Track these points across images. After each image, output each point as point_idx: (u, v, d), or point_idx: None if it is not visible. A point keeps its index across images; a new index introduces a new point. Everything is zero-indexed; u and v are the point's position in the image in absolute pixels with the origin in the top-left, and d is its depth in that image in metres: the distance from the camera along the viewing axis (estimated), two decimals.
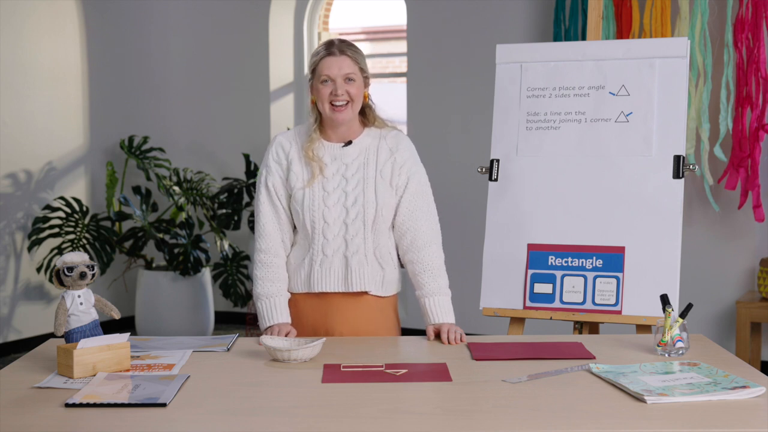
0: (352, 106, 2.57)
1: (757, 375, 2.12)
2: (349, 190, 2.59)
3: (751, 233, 4.92)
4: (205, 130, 6.56)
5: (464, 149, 5.52)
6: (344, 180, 2.60)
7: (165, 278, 5.66)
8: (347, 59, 2.56)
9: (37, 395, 1.99)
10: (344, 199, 2.59)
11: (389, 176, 2.63)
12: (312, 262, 2.60)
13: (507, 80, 3.31)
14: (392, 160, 2.64)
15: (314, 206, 2.58)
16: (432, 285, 2.64)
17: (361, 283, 2.60)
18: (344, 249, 2.59)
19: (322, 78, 2.55)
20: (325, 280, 2.60)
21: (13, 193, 5.55)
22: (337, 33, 6.90)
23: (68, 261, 2.24)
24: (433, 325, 2.60)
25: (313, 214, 2.58)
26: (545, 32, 5.38)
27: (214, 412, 1.88)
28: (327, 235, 2.58)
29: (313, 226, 2.58)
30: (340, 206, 2.58)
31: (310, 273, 2.60)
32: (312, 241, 2.60)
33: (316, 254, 2.60)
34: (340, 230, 2.59)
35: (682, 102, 3.10)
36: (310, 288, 2.61)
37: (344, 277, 2.59)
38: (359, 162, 2.62)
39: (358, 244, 2.59)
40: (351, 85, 2.56)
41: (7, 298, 5.52)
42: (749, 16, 4.48)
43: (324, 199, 2.58)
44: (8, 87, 5.48)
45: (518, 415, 1.84)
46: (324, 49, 2.57)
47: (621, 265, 3.04)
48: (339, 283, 2.60)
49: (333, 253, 2.59)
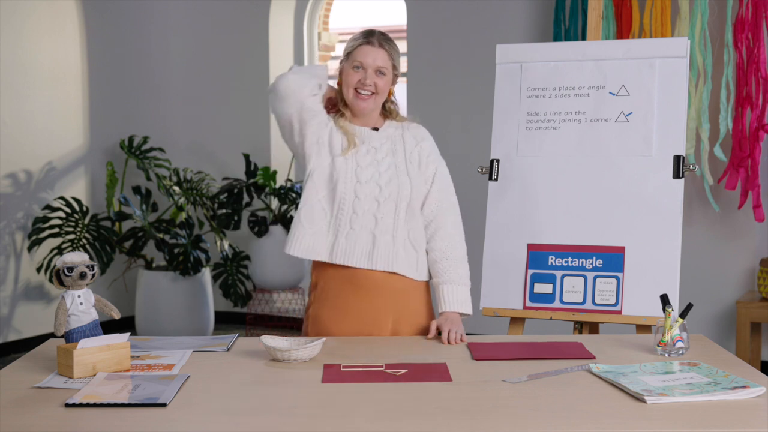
0: (375, 99, 2.61)
1: (757, 375, 2.12)
2: (382, 170, 2.61)
3: (751, 233, 4.92)
4: (205, 130, 6.56)
5: (464, 149, 5.52)
6: (375, 161, 2.62)
7: (165, 278, 5.66)
8: (383, 52, 2.60)
9: (37, 395, 1.99)
10: (377, 177, 2.60)
11: (417, 163, 2.67)
12: (337, 233, 2.59)
13: (507, 80, 3.31)
14: (418, 149, 2.69)
15: (347, 177, 2.58)
16: (451, 273, 2.66)
17: (389, 263, 2.59)
18: (373, 226, 2.59)
19: (354, 63, 2.59)
20: (348, 254, 2.58)
21: (13, 193, 5.55)
22: (337, 33, 6.90)
23: (68, 261, 2.24)
24: (443, 313, 2.62)
25: (346, 185, 2.57)
26: (545, 32, 5.38)
27: (214, 412, 1.88)
28: (357, 209, 2.58)
29: (344, 197, 2.57)
30: (373, 183, 2.59)
31: (334, 243, 2.59)
32: (340, 212, 2.59)
33: (342, 226, 2.58)
34: (371, 207, 2.58)
35: (682, 102, 3.10)
36: (332, 258, 2.59)
37: (368, 253, 2.58)
38: (387, 148, 2.65)
39: (388, 224, 2.60)
40: (380, 78, 2.60)
41: (7, 298, 5.52)
42: (749, 16, 4.48)
43: (357, 173, 2.59)
44: (8, 87, 5.48)
45: (518, 415, 1.84)
46: (363, 37, 2.61)
47: (621, 265, 3.04)
48: (363, 259, 2.58)
49: (360, 228, 2.58)
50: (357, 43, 2.60)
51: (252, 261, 5.93)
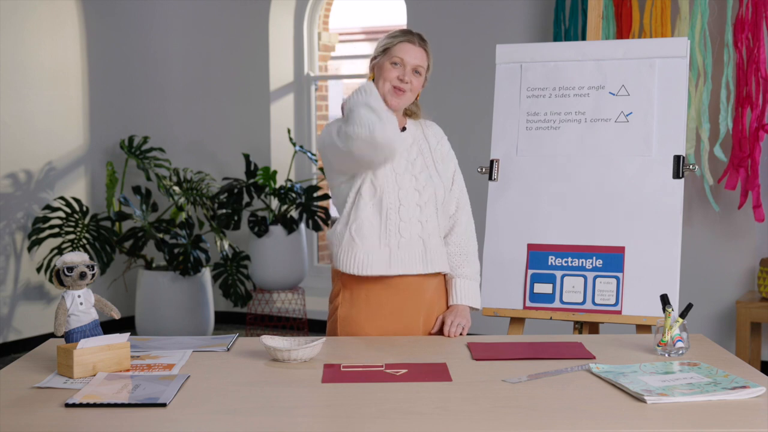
0: (408, 97, 2.62)
1: (757, 375, 2.12)
2: (416, 173, 2.62)
3: (751, 233, 4.91)
4: (205, 130, 6.56)
5: (464, 149, 5.50)
6: (410, 164, 2.62)
7: (165, 278, 5.66)
8: (423, 52, 2.62)
9: (37, 395, 1.99)
10: (414, 182, 2.60)
11: (441, 161, 2.70)
12: (389, 244, 2.57)
13: (507, 80, 3.31)
14: (440, 147, 2.73)
15: (389, 185, 2.57)
16: (465, 268, 2.71)
17: (439, 264, 2.63)
18: (419, 230, 2.60)
19: (394, 59, 2.59)
20: (405, 262, 2.58)
21: (13, 193, 5.55)
22: (337, 33, 6.90)
23: (68, 261, 2.24)
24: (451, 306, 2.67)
25: (390, 194, 2.56)
26: (545, 32, 5.38)
27: (214, 412, 1.88)
28: (403, 216, 2.58)
29: (390, 206, 2.56)
30: (411, 189, 2.59)
31: (389, 256, 2.57)
32: (388, 222, 2.57)
33: (393, 236, 2.58)
34: (414, 212, 2.59)
35: (682, 102, 3.10)
36: (390, 271, 2.57)
37: (422, 258, 2.60)
38: (416, 149, 2.67)
39: (433, 227, 2.62)
40: (416, 77, 2.62)
41: (7, 298, 5.52)
42: (749, 16, 4.48)
43: (397, 180, 2.58)
44: (8, 87, 5.48)
45: (518, 415, 1.84)
46: (403, 35, 2.62)
47: (621, 265, 3.04)
48: (419, 265, 2.60)
49: (410, 236, 2.59)
50: (397, 40, 2.61)
51: (252, 261, 5.93)
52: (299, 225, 5.93)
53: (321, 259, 6.76)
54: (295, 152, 6.04)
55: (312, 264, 6.61)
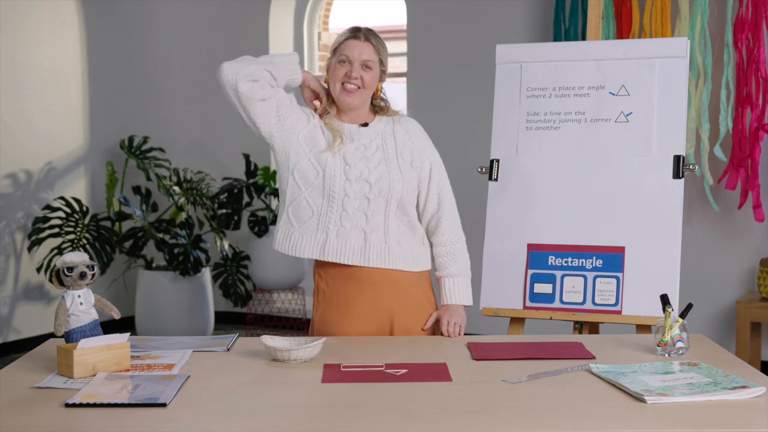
0: (362, 93, 2.59)
1: (757, 375, 2.12)
2: (372, 167, 2.59)
3: (751, 233, 4.92)
4: (205, 130, 6.56)
5: (464, 149, 5.52)
6: (365, 158, 2.60)
7: (165, 278, 5.66)
8: (369, 46, 2.59)
9: (37, 395, 1.99)
10: (367, 174, 2.58)
11: (410, 159, 2.65)
12: (327, 231, 2.58)
13: (507, 80, 3.31)
14: (410, 143, 2.66)
15: (335, 174, 2.56)
16: (452, 267, 2.70)
17: (383, 260, 2.60)
18: (363, 223, 2.58)
19: (341, 58, 2.59)
20: (341, 251, 2.58)
21: (13, 193, 5.55)
22: (337, 33, 6.90)
23: (68, 261, 2.24)
24: (444, 306, 2.67)
25: (334, 181, 2.56)
26: (545, 32, 5.38)
27: (214, 412, 1.88)
28: (347, 207, 2.57)
29: (331, 194, 2.56)
30: (362, 180, 2.57)
31: (325, 241, 2.58)
32: (329, 210, 2.58)
33: (332, 224, 2.58)
34: (361, 204, 2.58)
35: (682, 102, 3.10)
36: (323, 255, 2.59)
37: (361, 251, 2.59)
38: (377, 144, 2.63)
39: (378, 221, 2.59)
40: (367, 72, 2.59)
41: (7, 298, 5.52)
42: (749, 16, 4.48)
43: (345, 171, 2.57)
44: (8, 87, 5.48)
45: (518, 415, 1.84)
46: (349, 32, 2.62)
47: (621, 265, 3.04)
48: (356, 256, 2.58)
49: (351, 227, 2.58)
50: (343, 38, 2.61)
51: (252, 261, 5.93)
52: None
53: None
54: None
55: (312, 264, 6.59)
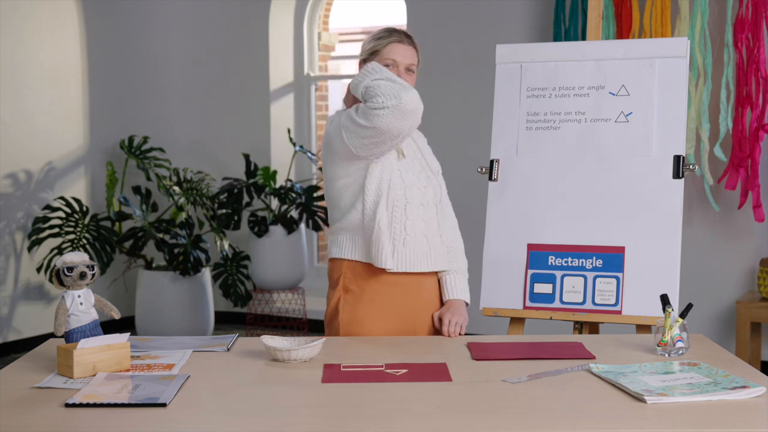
0: None
1: (757, 375, 2.12)
2: (417, 172, 2.62)
3: (751, 233, 4.92)
4: (205, 130, 6.56)
5: (464, 149, 5.52)
6: (410, 164, 2.62)
7: (165, 278, 5.66)
8: (413, 50, 2.63)
9: (37, 395, 1.99)
10: (416, 180, 2.60)
11: (433, 161, 2.72)
12: (394, 240, 2.56)
13: (507, 80, 3.31)
14: (427, 147, 2.75)
15: (394, 182, 2.55)
16: (454, 263, 2.72)
17: (440, 262, 2.65)
18: (423, 228, 2.60)
19: (385, 61, 2.58)
20: (409, 261, 2.58)
21: (13, 193, 5.55)
22: (337, 33, 6.90)
23: (68, 261, 2.24)
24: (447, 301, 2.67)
25: (396, 190, 2.55)
26: (545, 32, 5.38)
27: (214, 412, 1.88)
28: (409, 214, 2.57)
29: (396, 203, 2.55)
30: (415, 187, 2.59)
31: (393, 251, 2.56)
32: (392, 219, 2.55)
33: (398, 233, 2.57)
34: (419, 210, 2.59)
35: (682, 102, 3.10)
36: (397, 267, 2.56)
37: (426, 256, 2.61)
38: (413, 148, 2.66)
39: (434, 226, 2.63)
40: (409, 75, 2.63)
41: (7, 298, 5.52)
42: (749, 16, 4.48)
43: (402, 177, 2.57)
44: (8, 87, 5.48)
45: (518, 415, 1.84)
46: (391, 35, 2.60)
47: (621, 265, 3.04)
48: (423, 263, 2.61)
49: (415, 234, 2.59)
50: (386, 41, 2.59)
51: (252, 261, 5.93)
52: (299, 225, 5.93)
53: (321, 259, 6.76)
54: (295, 152, 6.04)
55: (312, 264, 6.60)
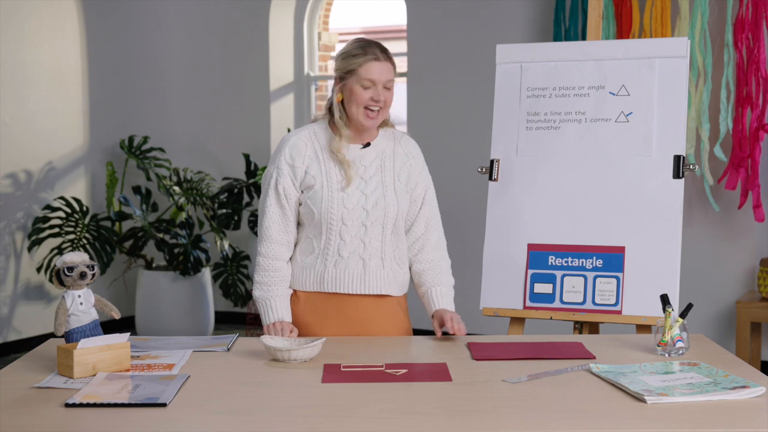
0: (383, 113, 2.55)
1: (757, 375, 2.12)
2: (369, 192, 2.56)
3: (751, 233, 4.92)
4: (205, 130, 6.56)
5: (464, 149, 5.52)
6: (363, 182, 2.56)
7: (165, 278, 5.66)
8: (390, 66, 2.53)
9: (37, 395, 1.99)
10: (364, 201, 2.55)
11: (405, 180, 2.63)
12: (326, 263, 2.56)
13: (507, 80, 3.31)
14: (408, 165, 2.65)
15: (333, 208, 2.52)
16: (441, 277, 2.68)
17: (380, 286, 2.59)
18: (361, 251, 2.56)
19: (364, 82, 2.48)
20: (340, 281, 2.57)
21: (13, 193, 5.55)
22: (337, 33, 6.90)
23: (68, 261, 2.24)
24: (438, 310, 2.61)
25: (331, 215, 2.53)
26: (545, 32, 5.38)
27: (214, 412, 1.88)
28: (344, 236, 2.55)
29: (330, 227, 2.54)
30: (360, 208, 2.54)
31: (323, 273, 2.57)
32: (327, 242, 2.56)
33: (330, 255, 2.56)
34: (358, 232, 2.55)
35: (682, 102, 3.10)
36: (323, 288, 2.58)
37: (361, 279, 2.57)
38: (377, 165, 2.60)
39: (376, 247, 2.58)
40: (388, 92, 2.53)
41: (7, 298, 5.52)
42: (749, 16, 4.48)
43: (344, 200, 2.53)
44: (8, 87, 5.48)
45: (518, 415, 1.84)
46: (366, 53, 2.50)
47: (621, 265, 3.04)
48: (355, 285, 2.57)
49: (349, 255, 2.56)
50: (363, 60, 2.49)
51: (252, 261, 5.93)
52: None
53: None
54: None
55: None
